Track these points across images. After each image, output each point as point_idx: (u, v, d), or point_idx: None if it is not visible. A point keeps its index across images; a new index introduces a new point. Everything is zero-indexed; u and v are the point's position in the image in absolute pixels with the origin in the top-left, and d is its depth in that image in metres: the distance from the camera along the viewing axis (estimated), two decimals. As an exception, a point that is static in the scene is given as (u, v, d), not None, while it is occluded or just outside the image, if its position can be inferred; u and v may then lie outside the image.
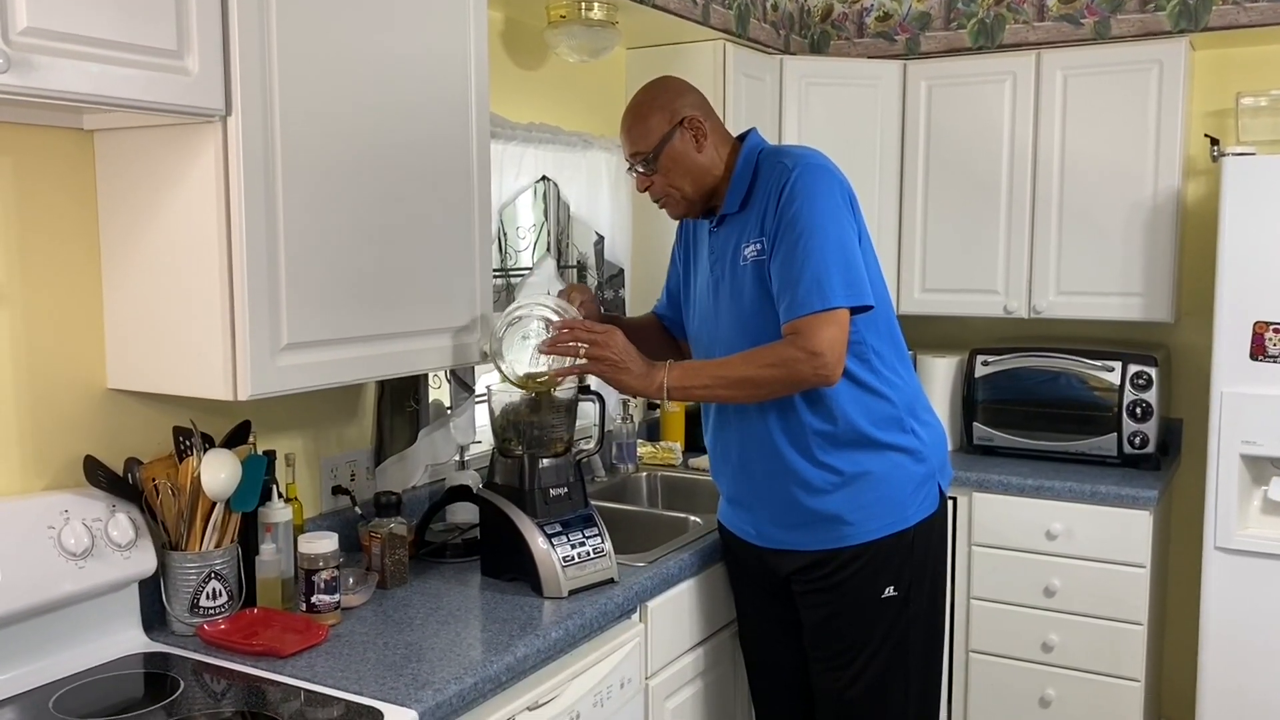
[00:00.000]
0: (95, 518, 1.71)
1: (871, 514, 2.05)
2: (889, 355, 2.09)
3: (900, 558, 2.07)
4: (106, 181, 1.77)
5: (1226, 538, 2.75)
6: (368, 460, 2.34)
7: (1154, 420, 3.05)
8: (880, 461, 2.05)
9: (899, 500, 2.06)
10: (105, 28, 1.43)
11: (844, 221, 1.98)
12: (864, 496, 2.04)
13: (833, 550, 2.06)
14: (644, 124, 2.08)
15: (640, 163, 2.09)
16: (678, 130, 2.06)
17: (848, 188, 2.04)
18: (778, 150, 2.09)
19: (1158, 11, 3.12)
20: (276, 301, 1.69)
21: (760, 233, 2.02)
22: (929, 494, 2.11)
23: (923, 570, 2.11)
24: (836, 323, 1.92)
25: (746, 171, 2.08)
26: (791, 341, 1.93)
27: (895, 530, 2.06)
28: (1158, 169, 3.07)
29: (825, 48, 3.66)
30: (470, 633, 1.83)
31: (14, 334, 1.70)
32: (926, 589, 2.12)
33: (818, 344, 1.90)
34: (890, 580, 2.07)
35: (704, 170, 2.09)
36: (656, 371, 1.99)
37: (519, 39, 2.78)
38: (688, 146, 2.07)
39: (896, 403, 2.07)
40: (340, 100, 1.78)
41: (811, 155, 2.04)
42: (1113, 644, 2.94)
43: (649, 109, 2.09)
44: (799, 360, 1.92)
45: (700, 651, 2.32)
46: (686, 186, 2.09)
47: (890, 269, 3.42)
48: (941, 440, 2.18)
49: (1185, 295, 3.26)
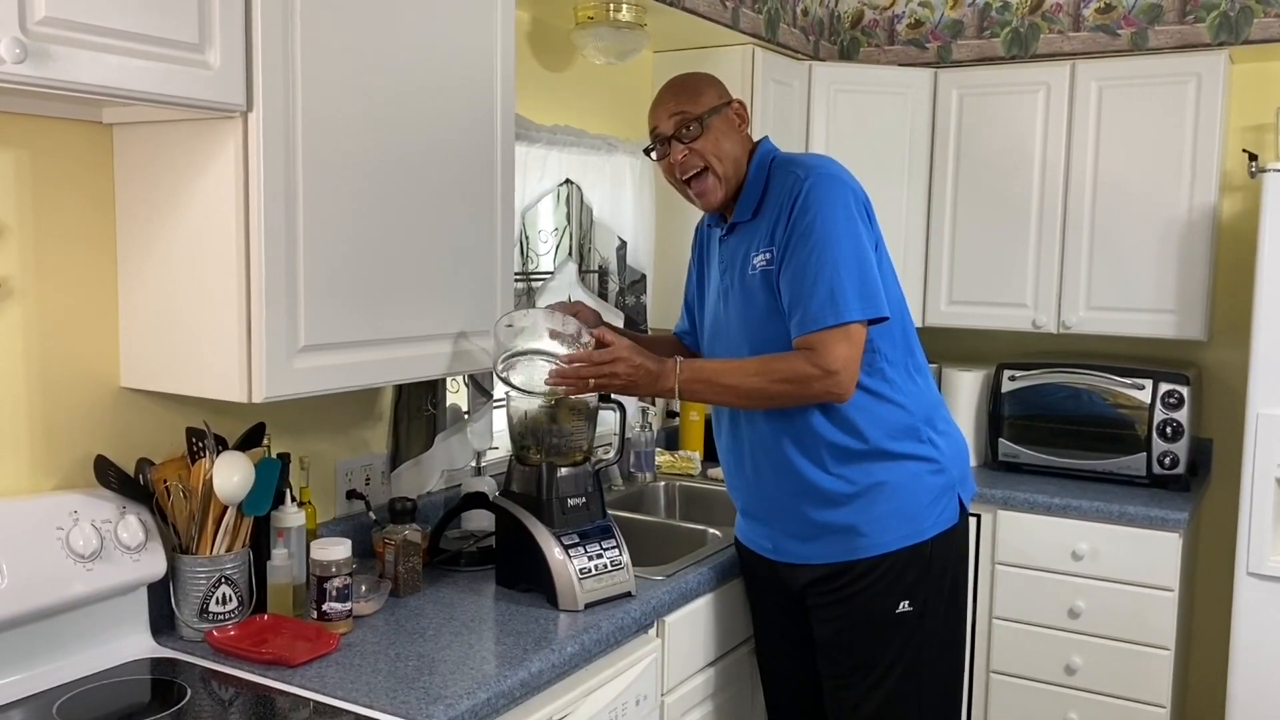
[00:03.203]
0: (105, 519, 1.68)
1: (886, 526, 1.99)
2: (904, 364, 2.04)
3: (916, 572, 2.01)
4: (124, 176, 1.74)
5: (1260, 563, 2.68)
6: (383, 464, 2.30)
7: (1185, 440, 2.99)
8: (896, 472, 1.99)
9: (915, 512, 2.00)
10: (125, 19, 1.40)
11: (858, 231, 1.92)
12: (879, 508, 1.99)
13: (846, 563, 2.01)
14: (695, 90, 2.04)
15: (684, 125, 2.01)
16: (727, 108, 2.04)
17: (863, 196, 1.98)
18: (790, 159, 2.04)
19: (1197, 23, 3.06)
20: (294, 302, 1.66)
21: (770, 242, 1.97)
22: (948, 506, 2.05)
23: (940, 585, 2.04)
24: (851, 338, 1.88)
25: (759, 179, 2.03)
26: (806, 357, 1.89)
27: (911, 543, 2.00)
28: (1194, 184, 3.01)
29: (855, 54, 3.61)
30: (484, 645, 1.79)
31: (27, 330, 1.67)
32: (944, 605, 2.05)
33: (832, 361, 1.87)
34: (905, 595, 2.01)
35: (738, 159, 2.04)
36: (667, 377, 1.94)
37: (545, 40, 2.75)
38: (731, 127, 2.04)
39: (913, 411, 2.01)
40: (363, 97, 1.74)
41: (824, 164, 1.99)
42: (1138, 669, 2.87)
43: (700, 81, 2.06)
44: (813, 378, 1.88)
45: (717, 668, 2.27)
46: (726, 163, 2.03)
47: (917, 280, 3.37)
48: (962, 451, 2.12)
49: (1218, 313, 3.20)
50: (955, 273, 3.35)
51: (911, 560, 2.00)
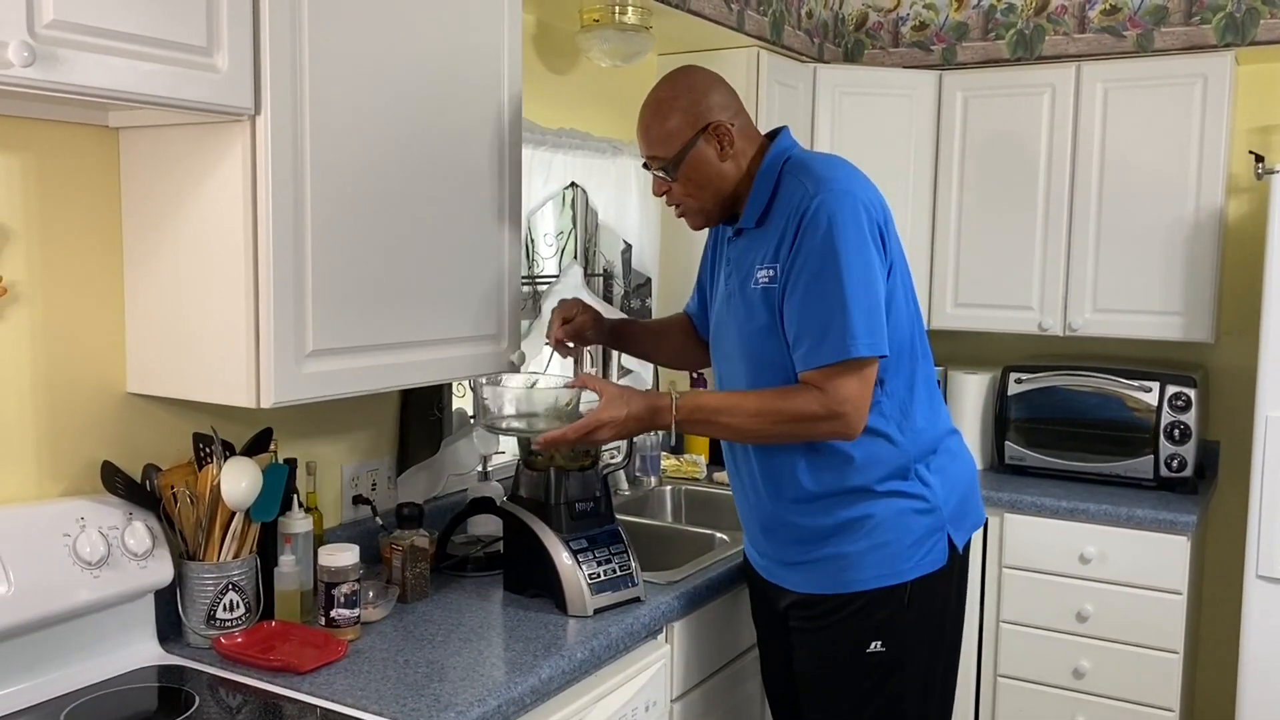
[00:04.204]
0: (112, 525, 1.66)
1: (862, 563, 1.88)
2: (907, 397, 1.90)
3: (889, 612, 1.88)
4: (131, 180, 1.73)
5: (1269, 566, 2.67)
6: (389, 469, 2.29)
7: (1192, 442, 2.98)
8: (877, 508, 1.87)
9: (896, 552, 1.87)
10: (133, 22, 1.39)
11: (869, 258, 1.78)
12: (857, 544, 1.88)
13: (820, 595, 1.92)
14: (664, 125, 1.88)
15: (658, 168, 1.93)
16: (701, 137, 1.87)
17: (877, 212, 1.83)
18: (804, 164, 1.88)
19: (1203, 25, 3.05)
20: (302, 307, 1.65)
21: (774, 258, 1.84)
22: (935, 548, 1.90)
23: (923, 630, 1.91)
24: (861, 375, 1.77)
25: (767, 184, 1.89)
26: (814, 396, 1.78)
27: (887, 584, 1.87)
28: (1200, 185, 3.00)
29: (859, 56, 3.60)
30: (493, 651, 1.77)
31: (33, 335, 1.66)
32: (926, 652, 1.93)
33: (839, 402, 1.76)
34: (876, 634, 1.89)
35: (726, 180, 1.91)
36: (663, 414, 1.85)
37: (550, 42, 2.74)
38: (710, 154, 1.89)
39: (906, 450, 1.89)
40: (371, 101, 1.73)
41: (837, 178, 1.83)
42: (1147, 672, 2.86)
43: (670, 108, 1.89)
44: (819, 418, 1.78)
45: (726, 674, 2.26)
46: (706, 198, 1.92)
47: (923, 283, 3.36)
48: (960, 488, 1.96)
49: (1225, 315, 3.19)
50: (961, 275, 3.34)
51: (886, 600, 1.88)
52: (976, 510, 2.03)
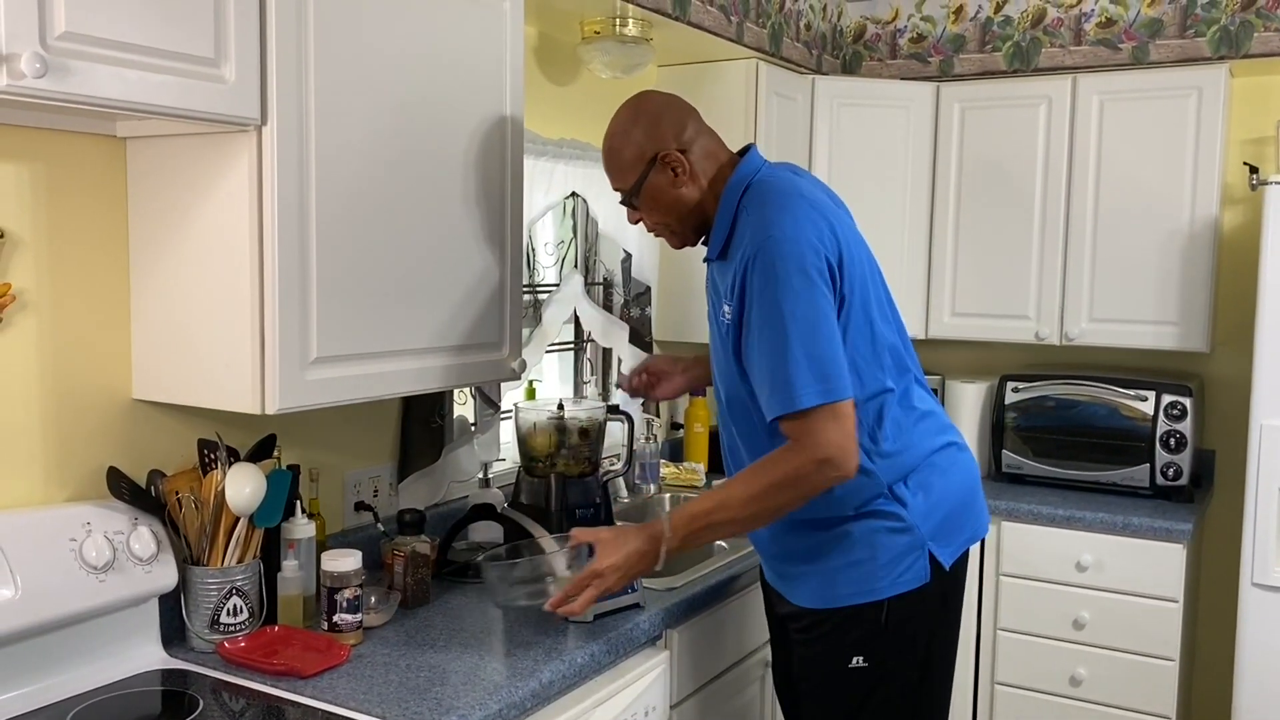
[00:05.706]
0: (117, 530, 1.68)
1: (836, 580, 1.87)
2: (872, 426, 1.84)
3: (865, 630, 1.87)
4: (138, 189, 1.75)
5: (1265, 574, 2.69)
6: (391, 476, 2.31)
7: (1188, 451, 3.00)
8: (853, 527, 1.85)
9: (869, 571, 1.85)
10: (143, 34, 1.41)
11: (814, 300, 1.71)
12: (831, 561, 1.87)
13: (807, 609, 1.93)
14: (619, 159, 1.90)
15: (622, 200, 1.95)
16: (653, 168, 1.87)
17: (826, 246, 1.75)
18: (760, 198, 1.82)
19: (1198, 37, 3.08)
20: (307, 314, 1.67)
21: (732, 296, 1.80)
22: (913, 567, 1.85)
23: (906, 648, 1.89)
24: (833, 415, 1.70)
25: (726, 216, 1.86)
26: (793, 453, 1.72)
27: (861, 601, 1.86)
28: (1195, 197, 3.02)
29: (857, 68, 3.63)
30: (494, 656, 1.79)
31: (40, 341, 1.68)
32: (914, 670, 1.91)
33: (821, 450, 1.69)
34: (856, 650, 1.88)
35: (685, 203, 1.89)
36: (655, 542, 1.80)
37: (552, 54, 2.76)
38: (663, 183, 1.87)
39: (879, 478, 1.84)
40: (375, 112, 1.76)
41: (782, 223, 1.75)
42: (1143, 680, 2.87)
43: (623, 141, 1.89)
44: (808, 473, 1.71)
45: (725, 680, 2.27)
46: (672, 221, 1.92)
47: (920, 293, 3.38)
48: (945, 504, 1.90)
49: (1220, 325, 3.21)
50: (958, 285, 3.36)
51: (861, 617, 1.87)
52: (973, 524, 1.98)
